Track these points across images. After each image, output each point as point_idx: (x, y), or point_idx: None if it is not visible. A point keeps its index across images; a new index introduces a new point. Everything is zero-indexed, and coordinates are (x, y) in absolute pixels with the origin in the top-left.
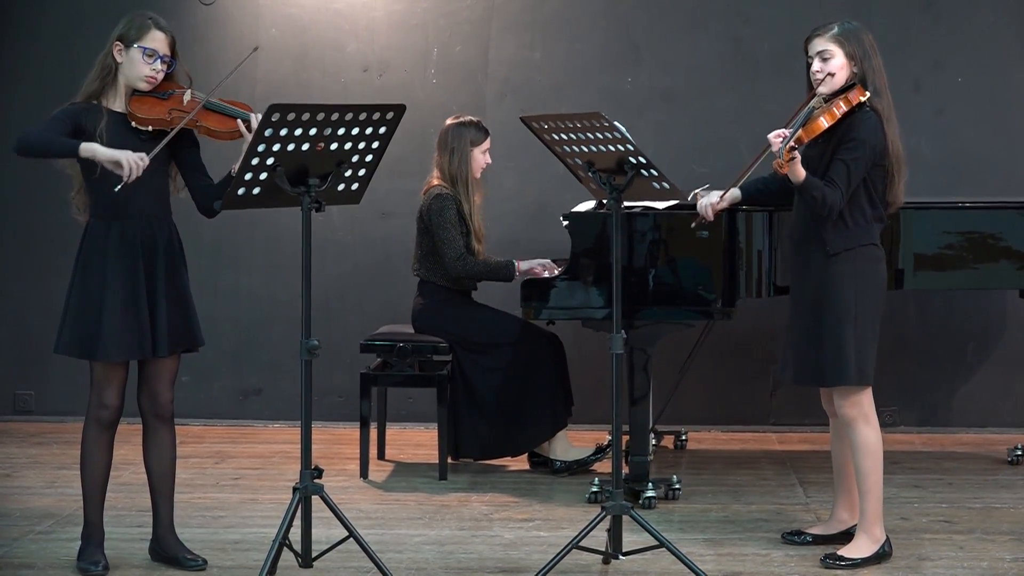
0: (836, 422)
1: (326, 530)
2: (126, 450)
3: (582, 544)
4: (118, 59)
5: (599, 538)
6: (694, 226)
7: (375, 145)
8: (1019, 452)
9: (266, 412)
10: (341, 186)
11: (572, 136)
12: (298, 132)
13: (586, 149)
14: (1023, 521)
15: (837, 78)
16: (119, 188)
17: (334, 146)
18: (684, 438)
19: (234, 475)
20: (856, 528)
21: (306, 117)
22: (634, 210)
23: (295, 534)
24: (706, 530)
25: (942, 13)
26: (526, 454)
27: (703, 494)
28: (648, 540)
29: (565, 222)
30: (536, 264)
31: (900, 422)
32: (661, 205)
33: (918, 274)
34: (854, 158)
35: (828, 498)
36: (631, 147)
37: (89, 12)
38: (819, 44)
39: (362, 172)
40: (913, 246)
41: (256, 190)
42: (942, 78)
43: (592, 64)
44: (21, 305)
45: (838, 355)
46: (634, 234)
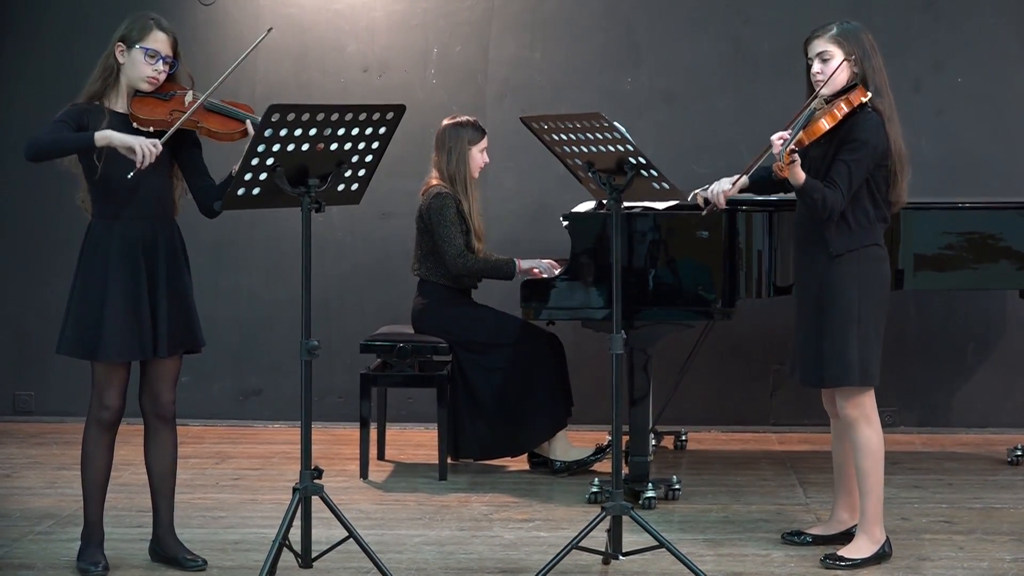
0: (837, 422)
1: (326, 530)
2: (126, 450)
3: (582, 544)
4: (120, 60)
5: (599, 538)
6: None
7: (375, 145)
8: (1019, 452)
9: (266, 412)
10: (341, 186)
11: (572, 136)
12: (298, 132)
13: (586, 149)
14: (1023, 521)
15: (838, 78)
16: (132, 175)
17: (334, 146)
18: (684, 438)
19: (234, 475)
20: (856, 528)
21: (306, 117)
22: (634, 210)
23: (295, 534)
24: (706, 530)
25: (942, 13)
26: (526, 454)
27: (703, 494)
28: (648, 540)
29: (565, 222)
30: (538, 264)
31: (900, 422)
32: (661, 205)
33: (918, 274)
34: (855, 159)
35: (828, 498)
36: (631, 147)
37: (90, 13)
38: (819, 45)
39: (362, 172)
40: (913, 246)
41: (256, 190)
42: (942, 78)
43: (592, 64)
44: (21, 306)
45: (841, 356)
46: (634, 234)
